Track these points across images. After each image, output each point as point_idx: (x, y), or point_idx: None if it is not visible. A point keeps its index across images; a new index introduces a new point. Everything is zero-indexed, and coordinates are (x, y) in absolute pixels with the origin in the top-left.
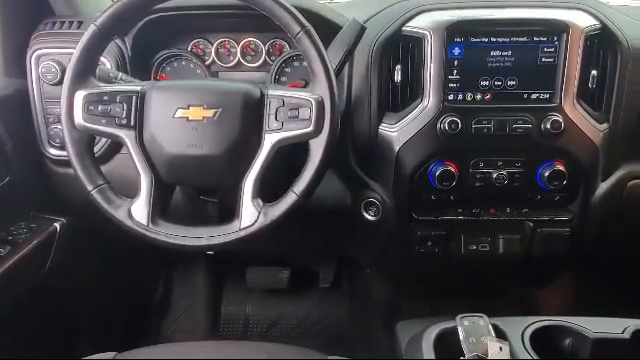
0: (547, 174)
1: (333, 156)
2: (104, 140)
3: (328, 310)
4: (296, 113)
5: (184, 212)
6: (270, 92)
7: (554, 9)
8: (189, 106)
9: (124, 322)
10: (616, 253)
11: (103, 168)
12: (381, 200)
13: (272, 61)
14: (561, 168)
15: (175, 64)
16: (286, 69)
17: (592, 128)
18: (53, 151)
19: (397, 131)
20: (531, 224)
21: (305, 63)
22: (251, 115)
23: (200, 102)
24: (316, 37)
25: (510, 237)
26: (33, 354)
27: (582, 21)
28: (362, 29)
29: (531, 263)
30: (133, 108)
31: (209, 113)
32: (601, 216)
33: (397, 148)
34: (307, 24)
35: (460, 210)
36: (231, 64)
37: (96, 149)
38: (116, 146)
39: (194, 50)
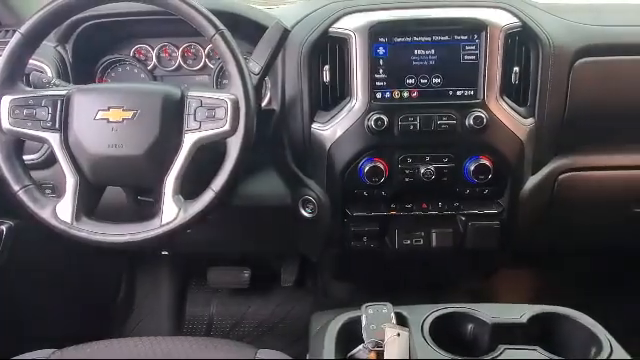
0: (473, 168)
1: (250, 154)
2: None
3: (292, 309)
4: (213, 113)
5: (130, 212)
6: (190, 93)
7: (474, 8)
8: (109, 108)
9: (86, 324)
10: (554, 245)
11: (47, 172)
12: (316, 197)
13: (213, 64)
14: (486, 162)
15: (119, 69)
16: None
17: (516, 123)
18: None
19: (328, 129)
20: (463, 218)
21: None
22: (171, 116)
23: (120, 104)
24: (230, 39)
25: (442, 231)
26: None
27: (501, 19)
28: (285, 31)
29: (478, 255)
30: (58, 111)
31: (128, 114)
32: (532, 209)
33: (328, 146)
34: (221, 27)
35: (393, 206)
36: (172, 68)
37: (39, 154)
38: None
39: (137, 55)
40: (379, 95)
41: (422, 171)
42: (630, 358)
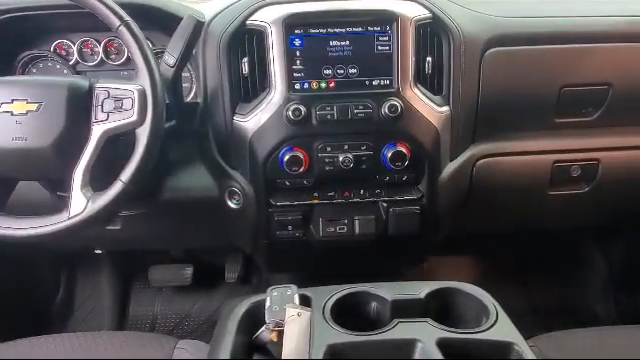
0: (390, 155)
1: (159, 144)
2: None
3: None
4: (120, 104)
5: (51, 208)
6: (98, 85)
7: (385, 0)
8: (13, 100)
9: (22, 326)
10: (478, 229)
11: None
12: (241, 188)
13: None
14: (403, 149)
15: (41, 65)
16: None
17: (431, 111)
18: None
19: (249, 121)
20: (384, 204)
21: None
22: (77, 107)
23: (23, 96)
24: (136, 30)
25: (365, 218)
26: None
27: (411, 11)
28: (199, 23)
29: (407, 241)
30: None
31: (33, 107)
32: (452, 194)
33: (249, 137)
34: (127, 17)
35: (316, 194)
36: (95, 63)
37: None
38: None
39: (57, 50)
40: (297, 86)
41: (341, 159)
42: (513, 327)
